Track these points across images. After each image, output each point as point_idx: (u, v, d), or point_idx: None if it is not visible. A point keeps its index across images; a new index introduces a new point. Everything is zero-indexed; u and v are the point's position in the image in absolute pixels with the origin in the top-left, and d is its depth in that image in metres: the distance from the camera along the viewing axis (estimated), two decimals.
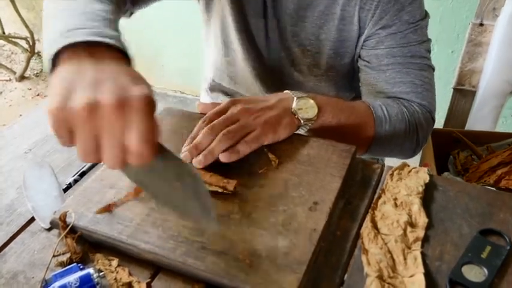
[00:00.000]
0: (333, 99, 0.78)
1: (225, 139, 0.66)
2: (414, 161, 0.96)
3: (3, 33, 2.76)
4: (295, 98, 0.73)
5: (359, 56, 0.92)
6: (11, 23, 2.88)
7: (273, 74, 1.01)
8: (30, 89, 2.86)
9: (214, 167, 0.66)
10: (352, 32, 0.89)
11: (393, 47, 0.87)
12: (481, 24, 1.35)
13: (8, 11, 2.76)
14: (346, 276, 0.56)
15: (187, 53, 2.37)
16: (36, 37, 2.94)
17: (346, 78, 0.98)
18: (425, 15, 0.89)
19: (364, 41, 0.89)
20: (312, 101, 0.74)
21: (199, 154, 0.66)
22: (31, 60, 2.94)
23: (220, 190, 0.62)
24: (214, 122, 0.69)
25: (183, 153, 0.67)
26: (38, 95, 2.83)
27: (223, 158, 0.66)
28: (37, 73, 2.99)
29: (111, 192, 0.64)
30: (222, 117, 0.69)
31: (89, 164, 0.73)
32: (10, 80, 2.92)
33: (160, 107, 0.84)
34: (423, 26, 0.88)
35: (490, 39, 1.36)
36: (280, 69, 1.00)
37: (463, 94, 1.49)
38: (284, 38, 0.94)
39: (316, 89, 0.98)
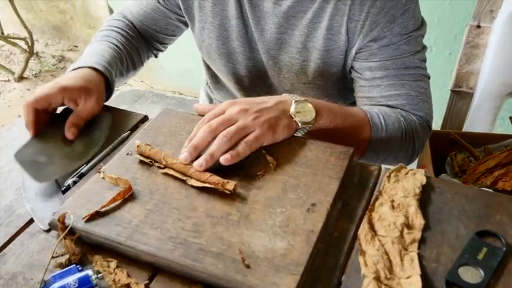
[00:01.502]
0: (330, 104, 0.78)
1: (225, 141, 0.66)
2: (412, 163, 0.96)
3: (2, 33, 2.76)
4: (293, 101, 0.73)
5: (352, 68, 0.91)
6: (9, 23, 2.88)
7: (261, 84, 1.01)
8: (29, 90, 2.86)
9: (213, 167, 0.66)
10: (340, 42, 0.88)
11: (386, 59, 0.86)
12: (478, 26, 1.35)
13: (7, 12, 2.77)
14: (343, 277, 0.56)
15: (186, 54, 2.37)
16: (34, 38, 2.94)
17: (336, 87, 0.98)
18: (421, 24, 0.87)
19: (356, 53, 0.88)
20: (310, 105, 0.74)
21: (198, 154, 0.67)
22: (30, 61, 2.94)
23: (220, 189, 0.63)
24: (212, 122, 0.69)
25: (183, 154, 0.67)
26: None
27: (224, 160, 0.66)
28: (36, 74, 2.99)
29: (110, 193, 0.64)
30: (220, 117, 0.70)
31: (88, 166, 0.73)
32: (9, 80, 2.92)
33: (158, 108, 0.84)
34: (418, 36, 0.87)
35: (487, 41, 1.37)
36: (268, 79, 1.00)
37: (461, 96, 1.49)
38: (270, 47, 0.94)
39: (305, 97, 0.98)
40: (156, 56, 1.13)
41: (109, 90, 0.87)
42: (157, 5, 1.00)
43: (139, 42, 1.04)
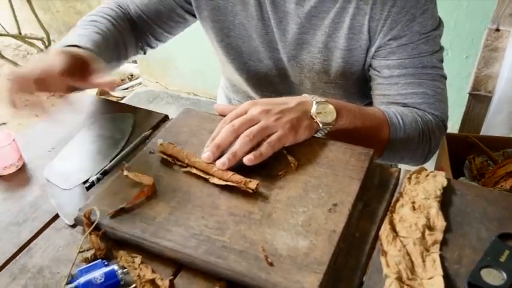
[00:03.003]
0: (350, 105, 0.79)
1: (247, 141, 0.67)
2: (429, 166, 0.96)
3: (20, 33, 2.79)
4: (314, 102, 0.74)
5: (370, 66, 0.92)
6: (27, 23, 2.92)
7: (282, 82, 1.02)
8: None
9: (235, 167, 0.67)
10: (362, 41, 0.89)
11: (405, 58, 0.87)
12: (497, 30, 1.35)
13: (25, 12, 2.80)
14: (365, 277, 0.57)
15: (201, 55, 2.39)
16: (52, 38, 2.97)
17: (357, 86, 0.98)
18: (439, 25, 0.88)
19: (375, 51, 0.89)
20: (331, 106, 0.74)
21: (221, 153, 0.68)
22: None
23: (243, 187, 0.64)
24: (235, 121, 0.70)
25: (205, 154, 0.68)
26: (52, 94, 2.86)
27: (247, 161, 0.66)
28: None
29: (133, 190, 0.65)
30: (242, 117, 0.70)
31: (111, 164, 0.74)
32: None
33: (174, 108, 0.86)
34: (436, 36, 0.88)
35: (506, 44, 1.36)
36: (289, 78, 1.01)
37: (479, 99, 1.49)
38: (292, 48, 0.94)
39: (326, 95, 0.99)
40: (144, 53, 1.08)
41: None
42: None
43: (129, 36, 0.99)
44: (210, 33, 1.00)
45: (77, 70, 0.75)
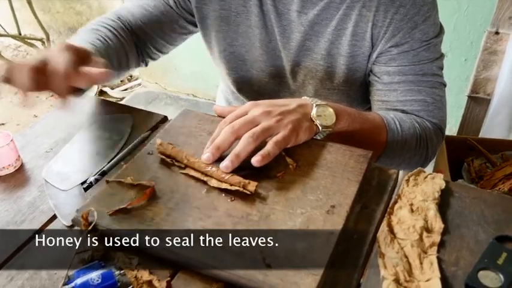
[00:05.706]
0: (349, 109, 0.79)
1: (251, 141, 0.67)
2: (428, 168, 0.96)
3: (20, 34, 2.79)
4: (314, 105, 0.74)
5: (370, 71, 0.93)
6: (27, 24, 2.92)
7: (283, 90, 1.02)
8: None
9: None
10: (364, 47, 0.89)
11: (405, 65, 0.87)
12: (497, 33, 1.35)
13: (24, 13, 2.80)
14: (362, 279, 0.57)
15: (200, 57, 2.39)
16: (51, 38, 2.97)
17: (360, 92, 0.98)
18: (440, 32, 0.89)
19: (376, 57, 0.90)
20: (330, 109, 0.74)
21: (220, 155, 0.68)
22: None
23: (240, 189, 0.64)
24: (235, 122, 0.69)
25: (205, 155, 0.68)
26: (52, 95, 2.86)
27: (256, 162, 0.66)
28: None
29: (132, 192, 0.65)
30: (243, 118, 0.70)
31: (109, 164, 0.74)
32: None
33: (173, 110, 0.85)
34: (436, 43, 0.88)
35: (505, 47, 1.37)
36: (291, 85, 1.01)
37: (478, 102, 1.49)
38: (295, 55, 0.95)
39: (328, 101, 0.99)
40: (146, 65, 1.05)
41: None
42: (166, 8, 0.96)
43: (130, 47, 0.96)
44: (213, 43, 1.00)
45: (80, 66, 0.70)
